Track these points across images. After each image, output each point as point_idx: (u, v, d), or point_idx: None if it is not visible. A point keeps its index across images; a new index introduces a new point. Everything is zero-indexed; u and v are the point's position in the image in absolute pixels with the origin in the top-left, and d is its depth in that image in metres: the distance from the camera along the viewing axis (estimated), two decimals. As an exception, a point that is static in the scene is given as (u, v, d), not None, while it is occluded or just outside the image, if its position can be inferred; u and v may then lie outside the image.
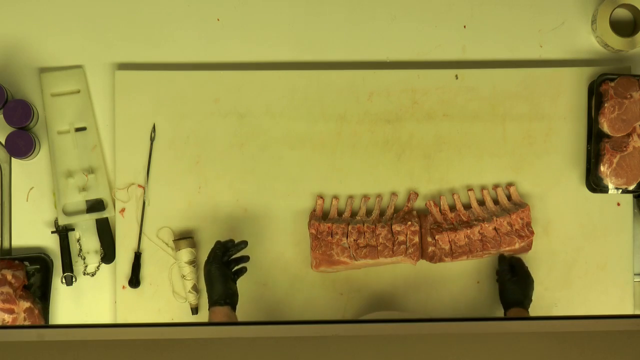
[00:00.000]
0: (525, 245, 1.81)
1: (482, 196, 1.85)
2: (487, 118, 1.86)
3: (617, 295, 1.85)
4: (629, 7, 1.87)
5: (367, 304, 1.83)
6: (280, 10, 1.88)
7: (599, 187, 1.82)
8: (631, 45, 1.85)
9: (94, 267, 1.84)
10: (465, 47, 1.89)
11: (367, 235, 1.79)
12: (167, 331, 0.95)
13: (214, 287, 1.65)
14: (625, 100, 1.79)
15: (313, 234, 1.80)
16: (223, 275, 1.65)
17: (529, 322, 1.04)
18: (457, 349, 0.90)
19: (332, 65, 1.88)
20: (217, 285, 1.64)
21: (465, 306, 1.81)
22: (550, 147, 1.86)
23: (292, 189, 1.84)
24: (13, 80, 1.85)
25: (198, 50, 1.88)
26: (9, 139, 1.78)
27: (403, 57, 1.89)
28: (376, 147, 1.85)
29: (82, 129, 1.85)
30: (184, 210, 1.83)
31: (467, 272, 1.84)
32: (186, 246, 1.79)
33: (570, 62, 1.89)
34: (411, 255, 1.79)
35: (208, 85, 1.85)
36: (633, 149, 1.80)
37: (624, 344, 0.90)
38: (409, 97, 1.86)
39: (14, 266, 1.77)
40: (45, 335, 0.91)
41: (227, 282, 1.65)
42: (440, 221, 1.82)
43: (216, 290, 1.64)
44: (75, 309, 1.83)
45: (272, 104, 1.85)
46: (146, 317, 1.81)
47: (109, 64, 1.87)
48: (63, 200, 1.83)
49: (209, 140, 1.84)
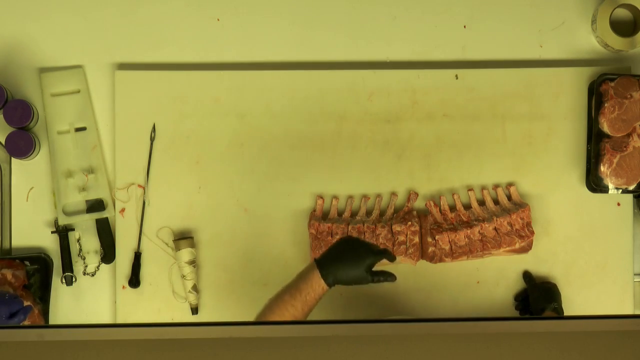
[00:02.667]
0: (526, 245, 1.81)
1: (482, 196, 1.85)
2: (487, 118, 1.86)
3: (617, 295, 1.85)
4: (629, 7, 1.87)
5: (367, 305, 1.83)
6: (280, 10, 1.88)
7: (599, 187, 1.82)
8: (631, 45, 1.85)
9: (94, 267, 1.84)
10: (465, 47, 1.89)
11: (367, 236, 1.79)
12: (167, 331, 0.95)
13: (346, 265, 1.50)
14: (625, 100, 1.79)
15: (313, 234, 1.79)
16: (365, 264, 1.51)
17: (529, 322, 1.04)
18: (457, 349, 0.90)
19: (332, 65, 1.88)
20: (352, 265, 1.50)
21: (465, 306, 1.81)
22: (550, 147, 1.86)
23: (292, 189, 1.84)
24: (13, 80, 1.85)
25: (198, 50, 1.88)
26: (9, 139, 1.78)
27: (403, 57, 1.89)
28: (376, 147, 1.85)
29: (82, 129, 1.85)
30: (184, 210, 1.83)
31: (467, 272, 1.84)
32: (186, 246, 1.79)
33: (570, 62, 1.89)
34: (411, 256, 1.79)
35: (208, 85, 1.85)
36: (633, 149, 1.80)
37: (624, 344, 0.90)
38: (409, 97, 1.86)
39: (14, 266, 1.77)
40: (45, 335, 0.91)
41: (362, 271, 1.51)
42: (440, 221, 1.82)
43: (345, 269, 1.50)
44: (75, 309, 1.83)
45: (272, 104, 1.85)
46: (146, 317, 1.81)
47: (109, 64, 1.87)
48: (63, 200, 1.83)
49: (209, 140, 1.84)
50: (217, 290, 1.83)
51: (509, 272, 1.84)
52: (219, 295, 1.83)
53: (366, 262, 1.53)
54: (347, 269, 1.52)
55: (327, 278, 1.51)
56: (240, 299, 1.81)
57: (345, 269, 1.52)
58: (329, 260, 1.53)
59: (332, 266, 1.52)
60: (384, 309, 1.82)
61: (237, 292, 1.82)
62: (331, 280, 1.51)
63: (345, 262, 1.52)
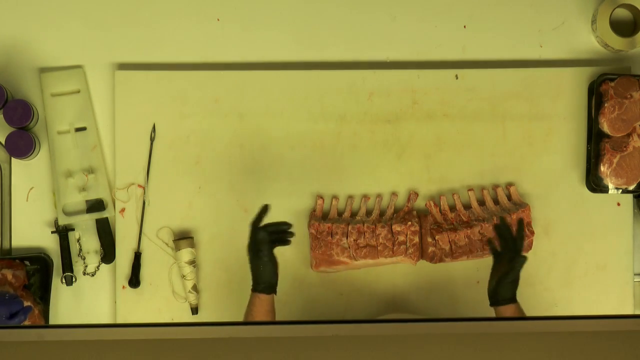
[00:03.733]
0: (526, 245, 1.81)
1: (482, 196, 1.85)
2: (487, 118, 1.86)
3: (617, 295, 1.85)
4: (629, 7, 1.87)
5: (367, 304, 1.83)
6: (280, 10, 1.88)
7: (599, 187, 1.82)
8: (631, 45, 1.85)
9: (94, 267, 1.84)
10: (465, 47, 1.89)
11: (367, 235, 1.79)
12: (167, 331, 0.95)
13: (262, 272, 1.59)
14: (625, 100, 1.79)
15: (313, 234, 1.79)
16: (272, 260, 1.61)
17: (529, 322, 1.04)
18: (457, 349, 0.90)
19: (332, 65, 1.88)
20: (267, 270, 1.59)
21: (465, 306, 1.81)
22: (550, 147, 1.86)
23: (292, 189, 1.84)
24: (13, 80, 1.85)
25: (198, 50, 1.88)
26: (9, 139, 1.78)
27: (403, 57, 1.89)
28: (376, 147, 1.85)
29: (82, 129, 1.85)
30: (184, 210, 1.83)
31: (467, 272, 1.84)
32: (186, 246, 1.79)
33: (570, 62, 1.89)
34: (411, 256, 1.79)
35: (208, 85, 1.85)
36: (633, 149, 1.80)
37: (624, 344, 0.90)
38: (409, 97, 1.86)
39: (14, 266, 1.77)
40: (45, 335, 0.91)
41: (275, 268, 1.61)
42: (441, 221, 1.82)
43: (265, 276, 1.60)
44: (75, 309, 1.83)
45: (272, 104, 1.85)
46: (146, 317, 1.81)
47: (109, 64, 1.87)
48: (63, 200, 1.83)
49: (209, 140, 1.84)
50: (217, 290, 1.83)
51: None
52: (219, 295, 1.83)
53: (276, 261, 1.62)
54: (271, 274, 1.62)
55: (256, 288, 1.61)
56: (240, 299, 1.81)
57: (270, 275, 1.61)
58: (259, 281, 1.61)
59: (264, 281, 1.61)
60: (384, 308, 1.82)
61: (237, 292, 1.82)
62: (257, 287, 1.61)
63: (257, 264, 1.61)
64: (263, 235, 1.60)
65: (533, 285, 1.84)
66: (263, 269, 1.60)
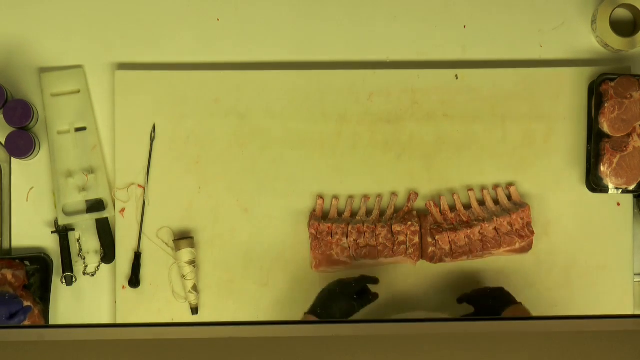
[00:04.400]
0: (526, 245, 1.81)
1: (482, 196, 1.85)
2: (487, 118, 1.86)
3: (617, 295, 1.85)
4: (629, 7, 1.87)
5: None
6: (280, 10, 1.88)
7: (599, 187, 1.82)
8: (631, 45, 1.85)
9: (94, 267, 1.84)
10: (465, 47, 1.89)
11: (367, 236, 1.79)
12: (167, 331, 0.95)
13: (334, 313, 1.64)
14: (625, 100, 1.79)
15: (313, 234, 1.80)
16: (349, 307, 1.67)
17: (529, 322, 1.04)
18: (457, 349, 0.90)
19: (332, 65, 1.88)
20: (335, 307, 1.65)
21: (465, 306, 1.81)
22: (550, 147, 1.86)
23: (292, 189, 1.84)
24: (13, 80, 1.85)
25: (198, 50, 1.88)
26: (9, 139, 1.78)
27: (403, 57, 1.89)
28: (376, 147, 1.85)
29: (82, 129, 1.85)
30: (184, 210, 1.83)
31: (467, 272, 1.84)
32: (186, 246, 1.79)
33: (570, 62, 1.89)
34: (411, 256, 1.79)
35: (208, 85, 1.85)
36: (633, 149, 1.80)
37: (624, 344, 0.90)
38: (409, 97, 1.86)
39: (14, 266, 1.77)
40: (45, 335, 0.91)
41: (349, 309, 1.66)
42: (441, 221, 1.82)
43: (334, 314, 1.63)
44: (75, 309, 1.83)
45: (272, 104, 1.85)
46: (146, 317, 1.81)
47: (109, 64, 1.87)
48: (63, 200, 1.83)
49: (209, 140, 1.84)
50: (217, 290, 1.83)
51: (509, 272, 1.84)
52: (219, 295, 1.83)
53: (350, 305, 1.66)
54: (336, 314, 1.65)
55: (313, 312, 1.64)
56: (240, 299, 1.81)
57: (335, 315, 1.64)
58: (321, 310, 1.64)
59: (324, 315, 1.63)
60: (384, 309, 1.82)
61: (237, 292, 1.82)
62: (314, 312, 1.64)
63: (333, 311, 1.65)
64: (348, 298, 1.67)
65: (533, 285, 1.84)
66: (336, 312, 1.65)
